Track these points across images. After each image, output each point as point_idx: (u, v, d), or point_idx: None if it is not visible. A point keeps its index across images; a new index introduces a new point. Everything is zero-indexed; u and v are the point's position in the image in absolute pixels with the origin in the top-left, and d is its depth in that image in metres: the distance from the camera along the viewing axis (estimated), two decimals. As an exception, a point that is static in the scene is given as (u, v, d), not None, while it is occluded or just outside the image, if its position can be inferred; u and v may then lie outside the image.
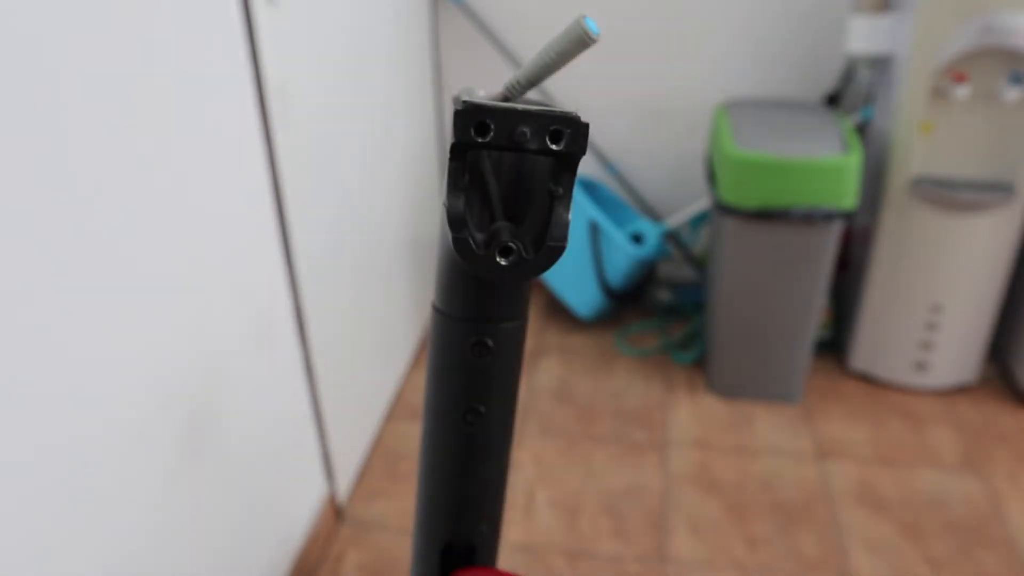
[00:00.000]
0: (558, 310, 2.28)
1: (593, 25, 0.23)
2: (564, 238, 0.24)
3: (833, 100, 1.95)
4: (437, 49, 2.13)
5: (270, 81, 1.13)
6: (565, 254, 2.03)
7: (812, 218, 1.62)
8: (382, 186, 1.72)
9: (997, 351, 1.98)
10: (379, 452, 1.73)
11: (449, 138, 0.23)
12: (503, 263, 0.24)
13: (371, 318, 1.71)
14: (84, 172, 0.78)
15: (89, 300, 0.80)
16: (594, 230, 2.01)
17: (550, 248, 0.25)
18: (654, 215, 2.24)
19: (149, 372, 0.91)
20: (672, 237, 2.16)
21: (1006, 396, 1.91)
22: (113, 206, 0.83)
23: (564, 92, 2.14)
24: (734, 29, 2.03)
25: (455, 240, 0.24)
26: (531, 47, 2.10)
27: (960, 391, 1.93)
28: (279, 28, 1.17)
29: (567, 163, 0.24)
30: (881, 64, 1.81)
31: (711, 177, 1.80)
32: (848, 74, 1.93)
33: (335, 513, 1.53)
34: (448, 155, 0.24)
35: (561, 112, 0.24)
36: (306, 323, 1.32)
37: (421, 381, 1.98)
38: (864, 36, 1.73)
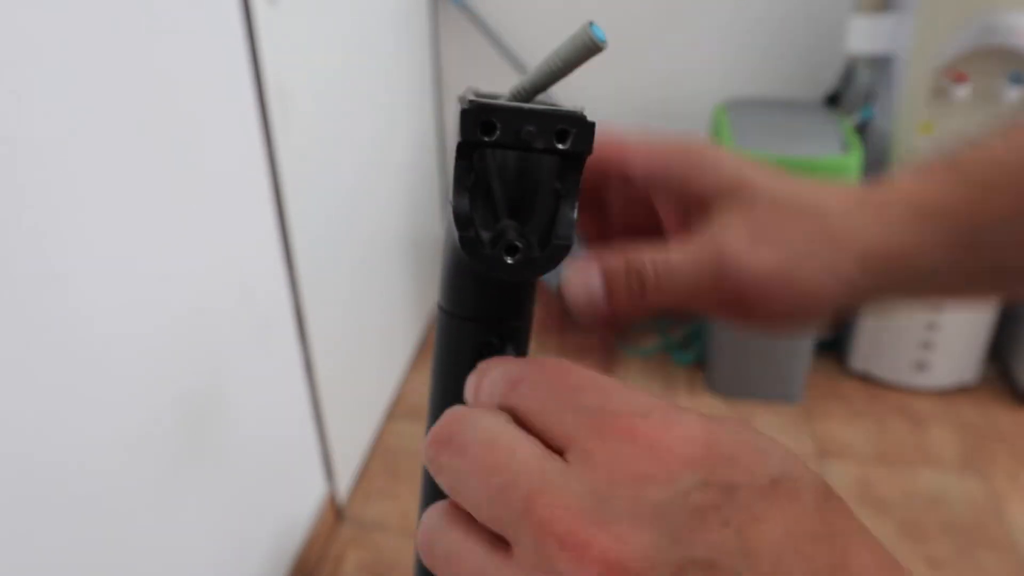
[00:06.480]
0: (558, 310, 2.28)
1: (600, 32, 0.23)
2: (570, 236, 0.24)
3: (833, 100, 1.95)
4: (437, 49, 2.13)
5: (270, 81, 1.14)
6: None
7: (812, 218, 1.61)
8: (382, 185, 1.73)
9: (997, 351, 1.98)
10: (379, 452, 1.73)
11: (455, 137, 0.23)
12: (509, 261, 0.24)
13: (371, 317, 1.71)
14: (80, 173, 0.78)
15: (88, 299, 0.80)
16: (594, 230, 2.01)
17: (556, 246, 0.24)
18: (654, 215, 2.24)
19: (148, 372, 0.91)
20: (672, 237, 2.16)
21: (1006, 396, 1.91)
22: (112, 207, 0.83)
23: (564, 91, 2.14)
24: (734, 29, 2.02)
25: (462, 239, 0.24)
26: (532, 47, 2.10)
27: (960, 391, 1.92)
28: (279, 28, 1.17)
29: (573, 162, 0.24)
30: (881, 64, 1.81)
31: (711, 177, 1.80)
32: (848, 74, 1.93)
33: (335, 513, 1.53)
34: (455, 154, 0.24)
35: (567, 111, 0.23)
36: (306, 323, 1.32)
37: (422, 380, 1.98)
38: (864, 36, 1.73)
